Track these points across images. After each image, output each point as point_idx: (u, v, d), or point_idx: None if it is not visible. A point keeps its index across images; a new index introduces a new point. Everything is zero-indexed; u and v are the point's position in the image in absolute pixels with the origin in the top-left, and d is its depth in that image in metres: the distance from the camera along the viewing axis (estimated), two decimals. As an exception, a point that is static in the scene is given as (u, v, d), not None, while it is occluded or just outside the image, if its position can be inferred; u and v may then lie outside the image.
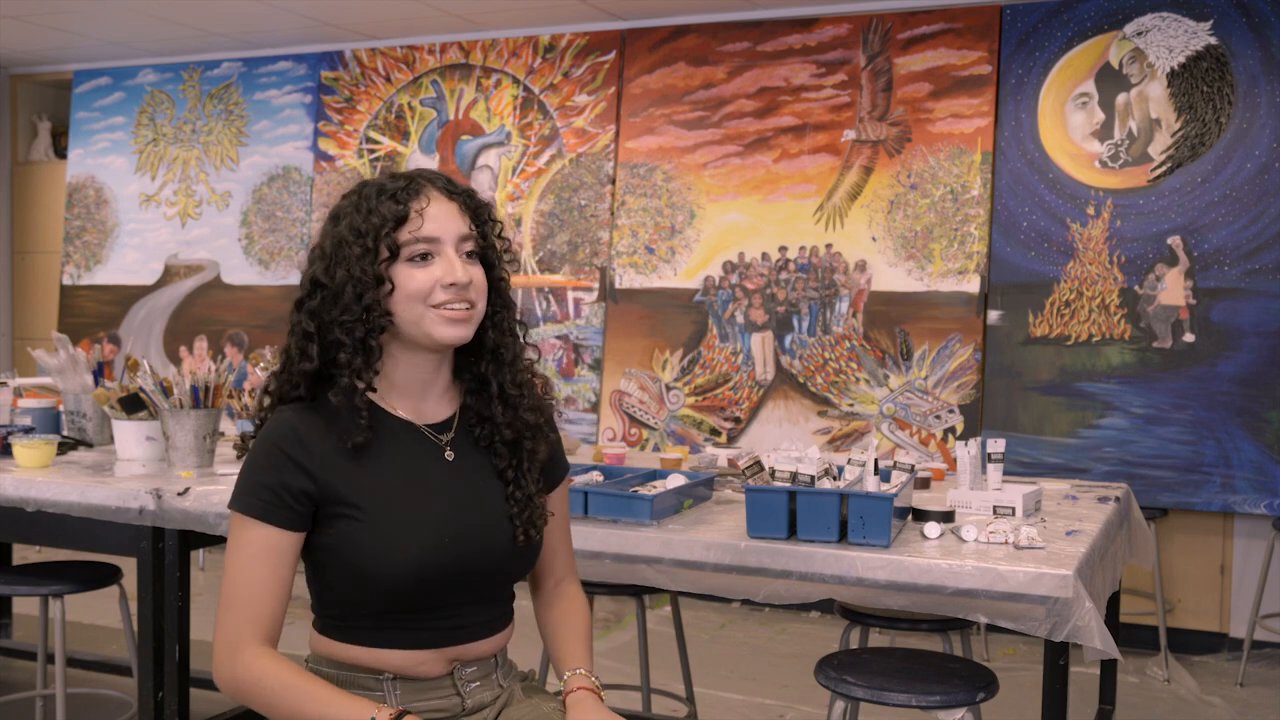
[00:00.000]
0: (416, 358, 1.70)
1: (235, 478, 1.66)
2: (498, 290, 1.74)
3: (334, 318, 1.64)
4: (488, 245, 1.72)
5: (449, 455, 1.72)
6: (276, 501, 1.62)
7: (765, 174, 5.25)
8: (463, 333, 1.67)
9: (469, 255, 1.68)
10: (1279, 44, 4.55)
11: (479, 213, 1.71)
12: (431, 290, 1.64)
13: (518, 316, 1.78)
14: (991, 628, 4.50)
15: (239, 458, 1.75)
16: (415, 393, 1.73)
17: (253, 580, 1.62)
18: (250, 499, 1.63)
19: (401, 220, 1.63)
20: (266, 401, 1.72)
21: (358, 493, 1.64)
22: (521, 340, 1.77)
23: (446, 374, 1.75)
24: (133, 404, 3.09)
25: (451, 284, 1.64)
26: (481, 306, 1.69)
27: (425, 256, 1.65)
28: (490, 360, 1.74)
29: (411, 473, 1.69)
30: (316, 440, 1.64)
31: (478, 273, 1.68)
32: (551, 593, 1.87)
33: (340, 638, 1.68)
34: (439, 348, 1.69)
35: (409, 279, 1.64)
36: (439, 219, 1.65)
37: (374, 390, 1.68)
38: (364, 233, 1.63)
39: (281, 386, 1.71)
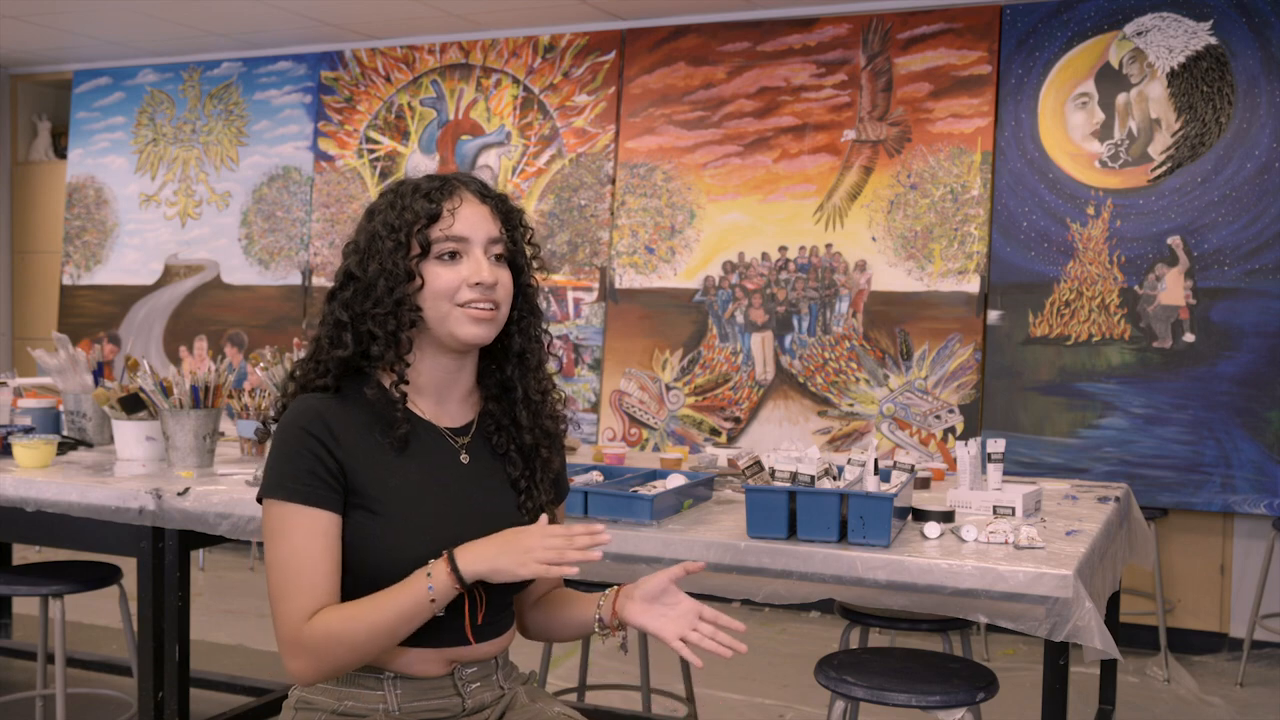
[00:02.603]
0: (441, 358, 1.72)
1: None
2: (525, 296, 1.76)
3: (366, 309, 1.66)
4: (517, 250, 1.74)
5: (464, 459, 1.73)
6: (316, 482, 1.61)
7: (765, 174, 5.25)
8: (485, 332, 1.69)
9: (497, 258, 1.70)
10: (1279, 44, 4.55)
11: (510, 217, 1.74)
12: (458, 289, 1.66)
13: (544, 325, 1.79)
14: (991, 628, 4.50)
15: (260, 443, 1.75)
16: (438, 393, 1.74)
17: (305, 566, 1.59)
18: (291, 485, 1.61)
19: (434, 218, 1.66)
20: (291, 388, 1.73)
21: (376, 486, 1.64)
22: (546, 348, 1.79)
23: (469, 378, 1.77)
24: (133, 404, 3.09)
25: (478, 283, 1.66)
26: (506, 309, 1.71)
27: (454, 255, 1.67)
28: (516, 365, 1.76)
29: (429, 472, 1.69)
30: (342, 427, 1.65)
31: (504, 275, 1.70)
32: (542, 599, 1.87)
33: None
34: (462, 347, 1.70)
35: (436, 276, 1.66)
36: (470, 220, 1.68)
37: (406, 383, 1.69)
38: (397, 228, 1.66)
39: (307, 374, 1.71)
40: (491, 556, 1.58)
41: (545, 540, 1.58)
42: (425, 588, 1.57)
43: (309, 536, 1.60)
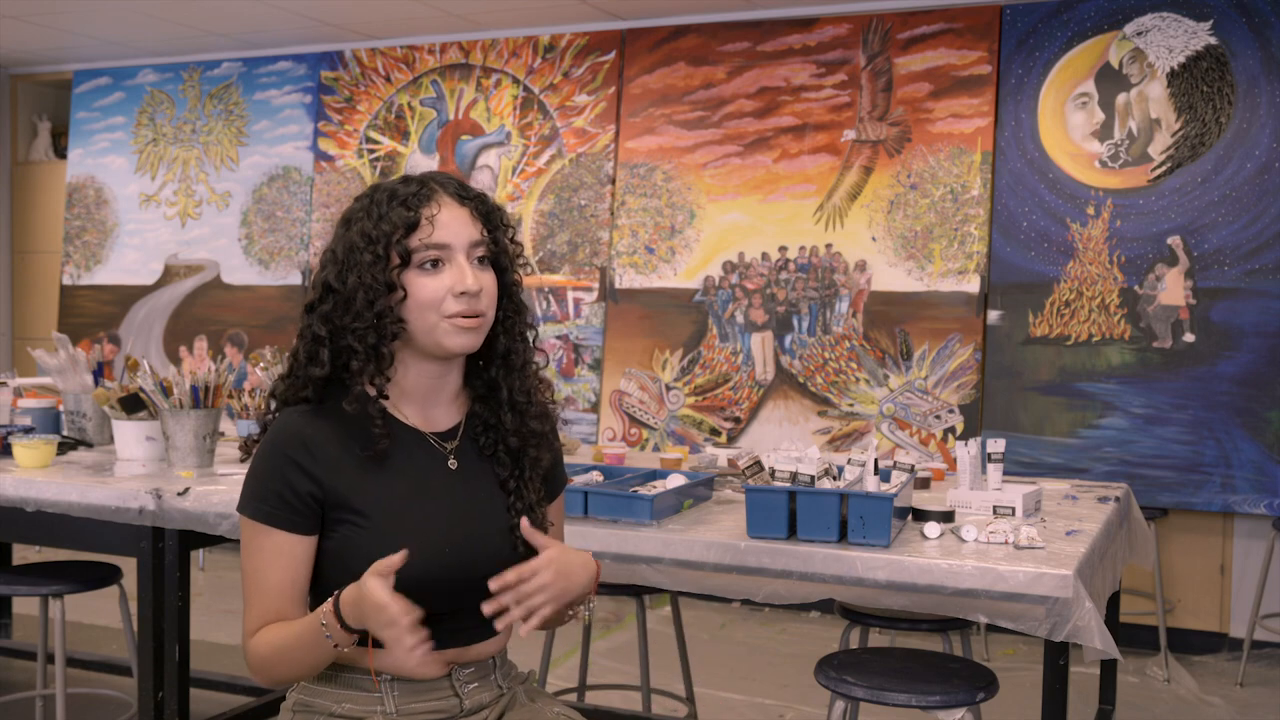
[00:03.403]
0: (427, 364, 1.70)
1: (236, 478, 1.66)
2: (509, 294, 1.73)
3: (346, 324, 1.64)
4: (500, 250, 1.71)
5: (452, 464, 1.72)
6: (283, 506, 1.62)
7: (765, 174, 5.25)
8: (472, 341, 1.67)
9: (480, 260, 1.68)
10: (1279, 44, 4.55)
11: (491, 217, 1.71)
12: (443, 299, 1.63)
13: (529, 320, 1.77)
14: (991, 628, 4.50)
15: (243, 460, 1.75)
16: (423, 399, 1.72)
17: (265, 584, 1.64)
18: (258, 504, 1.63)
19: (412, 227, 1.63)
20: (272, 405, 1.72)
21: (362, 499, 1.64)
22: (531, 345, 1.77)
23: (456, 380, 1.75)
24: (133, 404, 3.09)
25: (463, 292, 1.63)
26: (491, 313, 1.69)
27: (436, 263, 1.64)
28: (500, 365, 1.74)
29: (416, 481, 1.68)
30: (322, 444, 1.64)
31: (488, 279, 1.68)
32: None
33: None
34: (449, 356, 1.69)
35: (420, 287, 1.63)
36: (450, 225, 1.65)
37: (387, 398, 1.68)
38: (375, 239, 1.63)
39: (287, 391, 1.70)
40: (361, 618, 1.54)
41: (384, 623, 1.51)
42: (329, 645, 1.57)
43: (269, 556, 1.63)
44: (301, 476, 1.62)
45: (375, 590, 1.50)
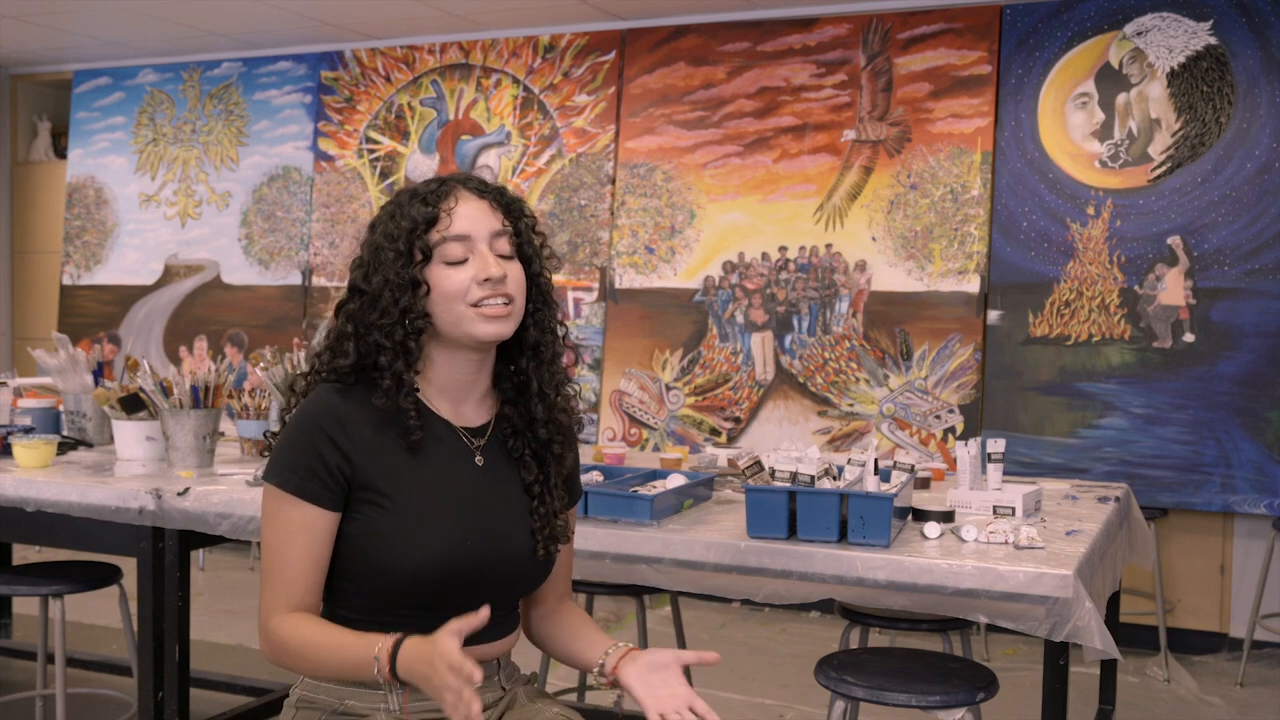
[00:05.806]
0: (457, 359, 1.70)
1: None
2: (538, 287, 1.73)
3: (373, 321, 1.64)
4: (524, 241, 1.72)
5: (479, 461, 1.72)
6: (313, 478, 1.62)
7: (765, 174, 5.25)
8: (503, 329, 1.67)
9: (504, 255, 1.68)
10: (1279, 44, 4.55)
11: (511, 209, 1.72)
12: (468, 289, 1.64)
13: (559, 317, 1.77)
14: (991, 628, 4.50)
15: (267, 447, 1.75)
16: (455, 394, 1.73)
17: (288, 558, 1.63)
18: (288, 474, 1.62)
19: (431, 222, 1.65)
20: (301, 386, 1.72)
21: (388, 483, 1.64)
22: (562, 340, 1.77)
23: (486, 378, 1.75)
24: (133, 404, 3.09)
25: (486, 279, 1.64)
26: (520, 303, 1.69)
27: (460, 256, 1.65)
28: (531, 358, 1.74)
29: (443, 472, 1.69)
30: (357, 424, 1.64)
31: (514, 269, 1.68)
32: (554, 608, 1.86)
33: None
34: (480, 346, 1.69)
35: (444, 279, 1.64)
36: (469, 217, 1.66)
37: (417, 390, 1.68)
38: (396, 237, 1.64)
39: (320, 370, 1.71)
40: (422, 677, 1.51)
41: (449, 685, 1.46)
42: (371, 661, 1.56)
43: (296, 530, 1.62)
44: (334, 451, 1.62)
45: (451, 651, 1.45)
